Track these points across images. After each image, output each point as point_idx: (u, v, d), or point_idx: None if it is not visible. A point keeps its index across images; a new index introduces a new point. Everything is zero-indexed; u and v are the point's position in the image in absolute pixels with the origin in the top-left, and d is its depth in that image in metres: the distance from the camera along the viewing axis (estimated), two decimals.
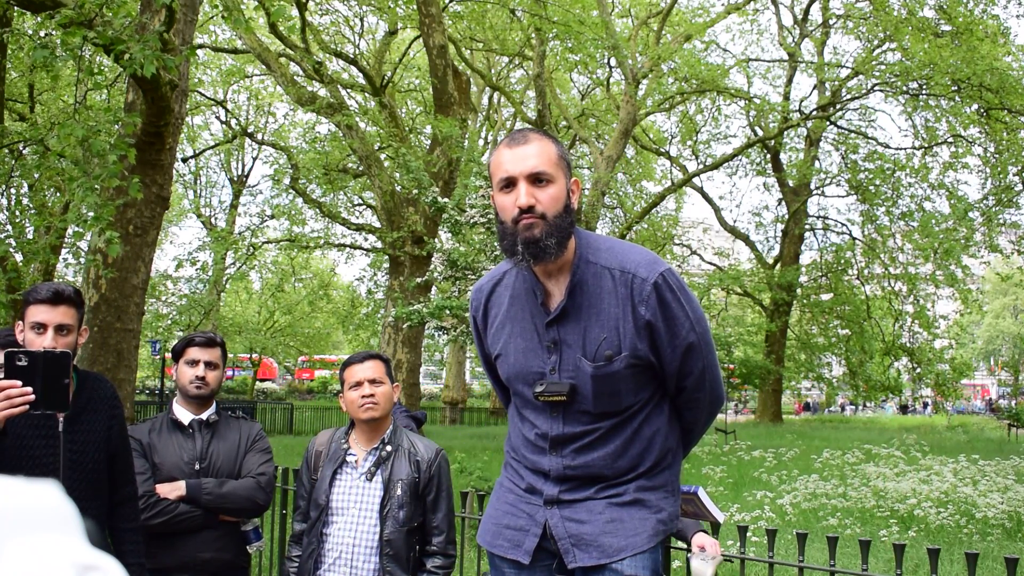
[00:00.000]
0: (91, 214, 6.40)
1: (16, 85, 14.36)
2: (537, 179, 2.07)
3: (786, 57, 26.31)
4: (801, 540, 3.27)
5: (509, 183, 2.09)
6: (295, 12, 14.92)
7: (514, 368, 2.22)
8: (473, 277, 7.28)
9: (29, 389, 2.43)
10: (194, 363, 3.23)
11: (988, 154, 22.48)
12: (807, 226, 28.75)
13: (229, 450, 3.26)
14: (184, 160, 24.00)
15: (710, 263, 30.53)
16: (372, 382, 3.03)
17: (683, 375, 2.18)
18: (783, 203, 28.68)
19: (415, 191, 8.62)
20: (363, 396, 3.01)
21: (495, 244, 7.25)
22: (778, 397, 30.27)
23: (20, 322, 2.73)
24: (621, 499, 2.16)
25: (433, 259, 7.49)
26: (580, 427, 2.17)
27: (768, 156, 27.89)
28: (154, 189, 7.80)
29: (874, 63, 22.99)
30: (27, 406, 2.43)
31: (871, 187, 24.72)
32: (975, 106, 20.36)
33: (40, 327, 2.64)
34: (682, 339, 2.13)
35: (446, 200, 7.57)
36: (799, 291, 27.45)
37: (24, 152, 9.84)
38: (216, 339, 3.32)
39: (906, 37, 19.47)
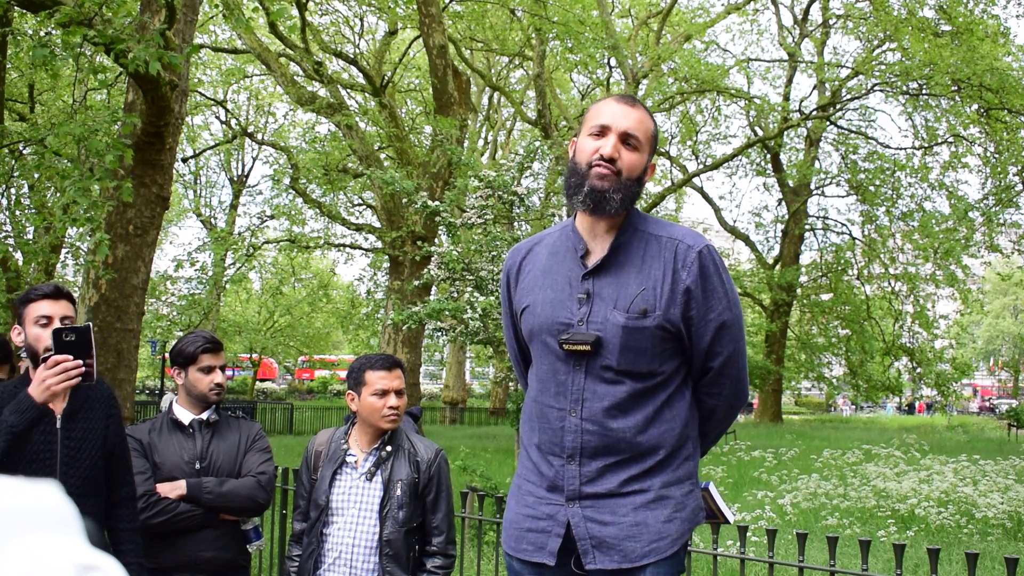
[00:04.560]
0: (87, 214, 6.40)
1: (16, 85, 14.35)
2: (627, 140, 2.13)
3: (786, 57, 26.30)
4: (801, 540, 3.27)
5: (602, 132, 2.13)
6: (295, 12, 14.91)
7: (540, 319, 2.20)
8: (471, 278, 7.26)
9: (80, 362, 2.57)
10: (210, 370, 3.24)
11: (988, 154, 22.49)
12: (807, 226, 28.75)
13: (229, 449, 3.26)
14: (184, 160, 23.99)
15: None
16: (398, 393, 3.05)
17: (711, 355, 2.17)
18: (783, 203, 28.69)
19: (404, 200, 8.70)
20: (390, 407, 3.02)
21: (492, 245, 7.24)
22: (778, 397, 30.26)
23: (17, 326, 2.75)
24: (646, 496, 2.12)
25: (432, 260, 7.47)
26: (602, 385, 2.13)
27: (768, 156, 27.88)
28: (154, 189, 7.79)
29: (874, 63, 22.99)
30: (80, 378, 2.57)
31: (871, 187, 24.72)
32: (975, 106, 20.36)
33: (46, 319, 2.71)
34: (717, 314, 2.14)
35: (438, 203, 7.55)
36: (799, 291, 27.45)
37: (24, 152, 9.84)
38: (220, 342, 3.35)
39: (906, 37, 19.47)
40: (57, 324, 2.70)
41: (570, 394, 2.16)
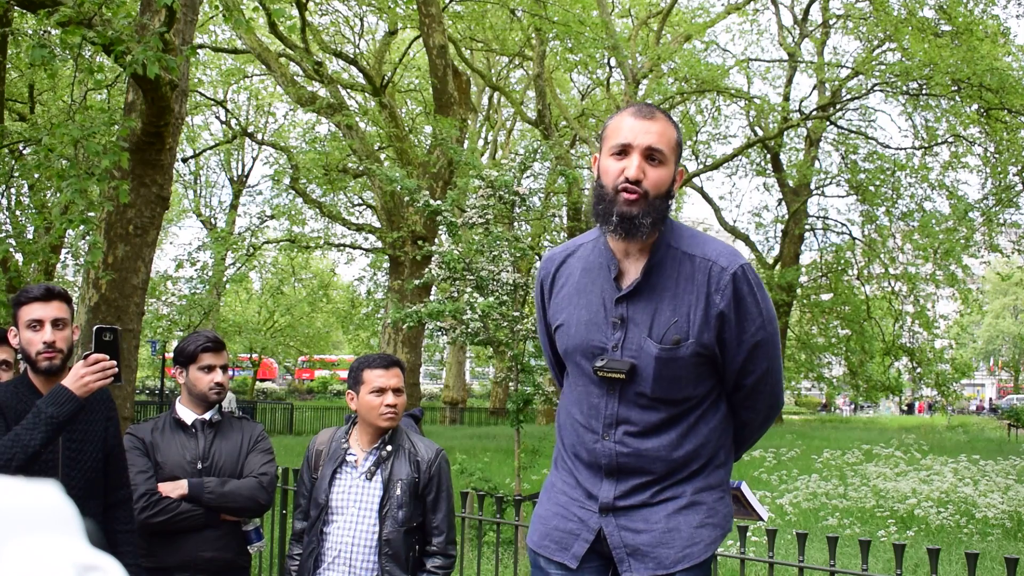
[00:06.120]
0: (84, 215, 6.40)
1: (16, 85, 14.34)
2: (651, 156, 2.06)
3: (786, 57, 26.28)
4: (801, 540, 3.27)
5: (623, 151, 2.07)
6: (295, 12, 14.91)
7: (574, 340, 2.18)
8: (471, 278, 7.26)
9: (115, 363, 2.63)
10: (210, 369, 3.24)
11: (988, 154, 22.48)
12: (807, 226, 28.72)
13: (231, 450, 3.26)
14: (184, 160, 23.97)
15: None
16: (396, 391, 3.05)
17: (745, 372, 2.15)
18: (783, 203, 28.66)
19: (406, 198, 8.72)
20: (387, 405, 3.03)
21: (493, 244, 7.24)
22: None
23: (13, 328, 2.74)
24: (678, 503, 2.12)
25: (432, 260, 7.47)
26: (636, 411, 2.12)
27: (768, 156, 27.87)
28: (154, 189, 7.79)
29: (874, 63, 22.98)
30: (112, 378, 2.63)
31: (871, 187, 24.70)
32: (975, 106, 20.35)
33: (37, 323, 2.69)
34: (750, 335, 2.11)
35: (439, 203, 7.54)
36: (799, 291, 27.43)
37: (24, 152, 9.83)
38: (222, 342, 3.35)
39: (906, 37, 19.46)
40: (48, 327, 2.69)
41: (603, 418, 2.15)
